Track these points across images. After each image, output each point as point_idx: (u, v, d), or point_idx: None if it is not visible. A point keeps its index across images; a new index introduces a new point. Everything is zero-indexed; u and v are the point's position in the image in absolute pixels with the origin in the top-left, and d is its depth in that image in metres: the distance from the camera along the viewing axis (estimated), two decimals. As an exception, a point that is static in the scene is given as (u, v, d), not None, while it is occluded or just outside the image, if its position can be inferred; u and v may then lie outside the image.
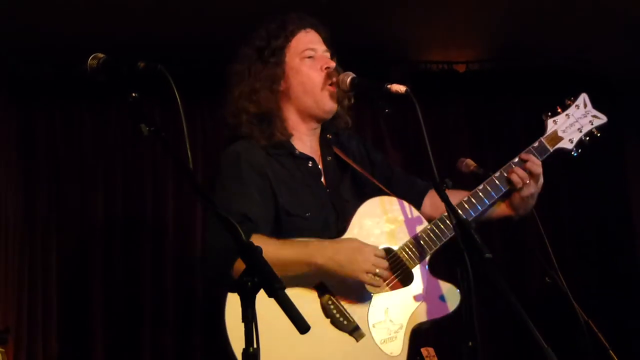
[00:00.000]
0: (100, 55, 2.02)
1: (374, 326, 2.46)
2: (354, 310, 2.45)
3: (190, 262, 4.87)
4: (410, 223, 2.58)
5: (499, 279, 2.05)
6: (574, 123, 2.70)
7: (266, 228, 2.44)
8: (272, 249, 2.33)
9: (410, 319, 2.50)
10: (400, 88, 2.35)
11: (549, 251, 2.88)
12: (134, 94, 1.91)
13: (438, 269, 2.60)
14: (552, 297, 4.73)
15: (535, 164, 2.62)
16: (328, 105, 2.59)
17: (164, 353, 4.75)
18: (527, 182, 2.61)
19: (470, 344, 2.06)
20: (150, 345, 4.74)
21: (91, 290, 4.75)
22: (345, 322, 2.43)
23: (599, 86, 5.33)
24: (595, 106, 2.74)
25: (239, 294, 1.72)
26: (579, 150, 2.71)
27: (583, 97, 2.76)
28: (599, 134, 2.73)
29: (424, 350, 3.10)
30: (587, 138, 2.72)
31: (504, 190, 2.62)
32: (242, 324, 2.02)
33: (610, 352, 3.01)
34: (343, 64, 2.66)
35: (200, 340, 4.77)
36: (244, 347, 1.70)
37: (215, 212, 1.81)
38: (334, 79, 2.57)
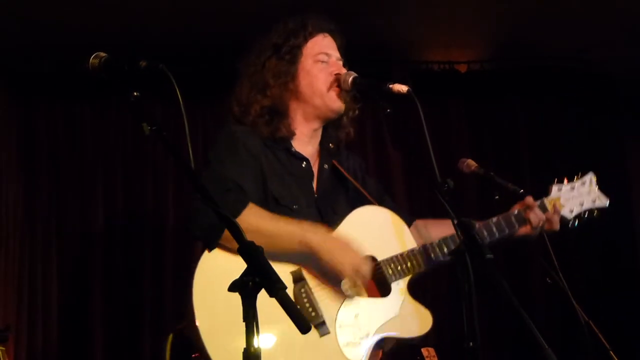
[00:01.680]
0: (102, 54, 2.02)
1: (340, 327, 2.44)
2: (324, 306, 2.43)
3: (190, 261, 4.86)
4: (399, 238, 2.59)
5: (500, 280, 2.05)
6: (576, 196, 2.76)
7: (254, 202, 2.44)
8: (266, 220, 2.38)
9: (378, 331, 2.48)
10: (402, 88, 2.36)
11: (550, 251, 2.88)
12: (135, 93, 1.91)
13: (439, 270, 2.60)
14: (553, 297, 4.75)
15: (556, 222, 2.70)
16: (335, 104, 2.60)
17: (165, 351, 4.75)
18: (541, 225, 2.68)
19: (470, 344, 2.06)
20: (149, 342, 4.73)
21: (91, 288, 4.74)
22: (313, 314, 2.40)
23: (600, 86, 5.34)
24: (601, 187, 2.78)
25: (240, 294, 1.71)
26: (576, 224, 2.76)
27: (590, 176, 2.81)
28: (596, 215, 2.78)
29: (424, 350, 3.11)
30: (586, 215, 2.78)
31: (517, 228, 2.68)
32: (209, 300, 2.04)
33: (611, 352, 3.01)
34: (344, 63, 2.67)
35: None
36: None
37: (216, 211, 1.80)
38: (340, 83, 2.58)
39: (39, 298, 4.67)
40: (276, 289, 1.65)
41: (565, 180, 2.77)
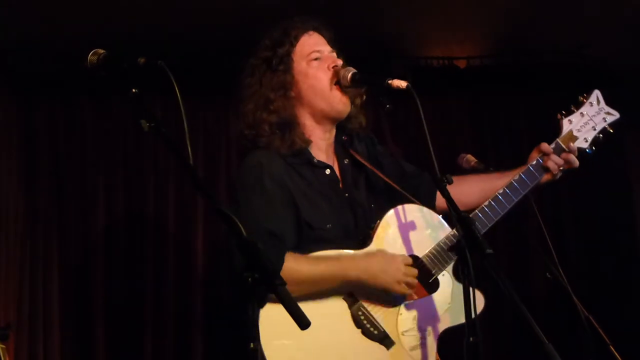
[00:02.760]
0: (101, 51, 2.03)
1: (403, 334, 2.51)
2: (383, 319, 2.50)
3: (191, 259, 4.88)
4: (433, 229, 2.62)
5: (500, 275, 2.05)
6: (588, 121, 2.75)
7: (291, 241, 2.48)
8: (307, 267, 2.42)
9: (438, 325, 2.55)
10: (401, 83, 2.36)
11: (550, 247, 2.88)
12: (134, 90, 1.91)
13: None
14: (554, 292, 4.74)
15: (574, 160, 2.72)
16: (340, 105, 2.60)
17: (165, 349, 4.75)
18: (562, 168, 2.72)
19: (471, 339, 2.06)
20: (151, 340, 4.74)
21: (93, 286, 4.75)
22: (375, 332, 2.47)
23: (601, 82, 5.33)
24: (608, 102, 2.78)
25: (240, 291, 1.73)
26: (593, 148, 2.76)
27: (596, 94, 2.80)
28: (612, 130, 2.78)
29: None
30: (601, 135, 2.77)
31: (539, 177, 2.70)
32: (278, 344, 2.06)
33: (611, 347, 3.01)
34: (339, 55, 2.67)
35: (200, 337, 4.78)
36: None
37: (217, 209, 1.81)
38: (339, 78, 2.58)
39: (40, 297, 4.67)
40: (275, 285, 1.66)
41: (573, 107, 2.76)
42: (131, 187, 4.92)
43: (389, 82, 2.37)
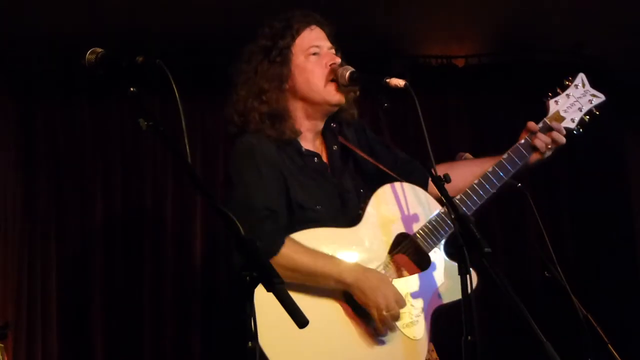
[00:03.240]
0: (99, 50, 2.03)
1: None
2: None
3: (190, 258, 4.87)
4: (423, 207, 2.63)
5: (499, 274, 2.05)
6: (574, 103, 2.80)
7: (283, 219, 2.48)
8: (307, 260, 2.43)
9: (431, 303, 2.55)
10: (399, 82, 2.37)
11: (548, 245, 2.89)
12: (132, 89, 1.91)
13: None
14: (552, 291, 4.75)
15: (561, 134, 2.74)
16: (334, 98, 2.61)
17: (164, 348, 4.75)
18: (550, 147, 2.75)
19: (469, 338, 2.06)
20: (150, 339, 4.74)
21: (91, 284, 4.74)
22: (366, 310, 2.45)
23: (600, 81, 5.32)
24: (593, 85, 2.83)
25: (238, 289, 1.73)
26: (580, 130, 2.80)
27: (581, 77, 2.86)
28: (598, 112, 2.81)
29: (423, 345, 3.10)
30: (588, 117, 2.81)
31: (528, 156, 2.75)
32: (270, 326, 2.07)
33: (609, 346, 3.01)
34: (337, 51, 2.67)
35: (199, 336, 4.78)
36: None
37: (215, 208, 1.81)
38: (337, 77, 2.59)
39: (38, 296, 4.66)
40: (273, 284, 1.66)
41: (558, 90, 2.80)
42: (130, 186, 4.92)
43: (387, 80, 2.38)
